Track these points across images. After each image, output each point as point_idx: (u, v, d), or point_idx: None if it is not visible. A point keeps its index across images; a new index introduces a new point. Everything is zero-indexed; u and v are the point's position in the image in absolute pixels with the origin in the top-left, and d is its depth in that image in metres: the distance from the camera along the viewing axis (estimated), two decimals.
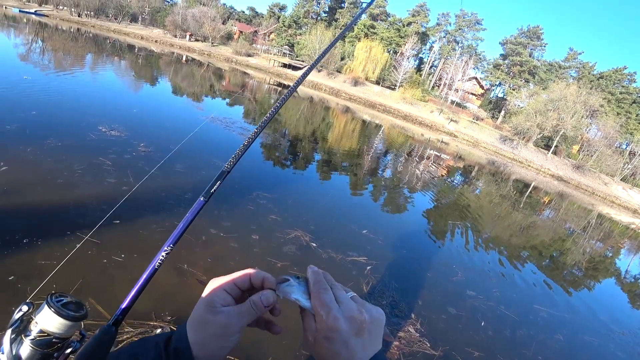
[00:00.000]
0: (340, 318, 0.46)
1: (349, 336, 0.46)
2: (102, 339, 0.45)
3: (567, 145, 34.17)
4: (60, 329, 0.44)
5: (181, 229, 0.52)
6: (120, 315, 0.47)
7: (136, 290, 0.47)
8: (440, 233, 6.27)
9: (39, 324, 0.44)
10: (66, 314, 0.45)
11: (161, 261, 0.48)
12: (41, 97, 7.17)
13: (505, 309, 4.10)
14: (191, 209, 0.53)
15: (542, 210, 13.40)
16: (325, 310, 0.46)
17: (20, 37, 18.81)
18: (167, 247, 0.50)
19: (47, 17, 46.77)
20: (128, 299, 0.47)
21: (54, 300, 0.45)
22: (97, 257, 2.83)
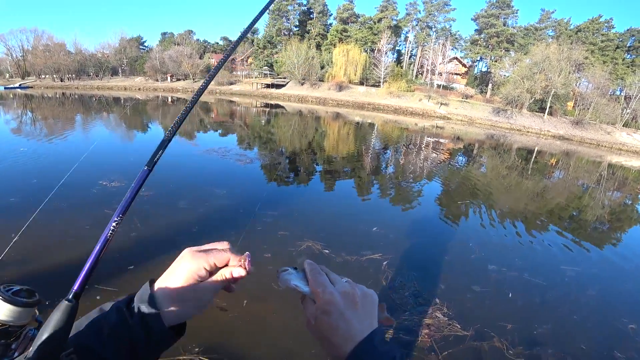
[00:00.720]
0: (335, 292, 0.51)
1: (345, 309, 0.50)
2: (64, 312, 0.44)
3: (560, 103, 33.91)
4: (14, 316, 0.43)
5: (128, 199, 0.53)
6: (78, 289, 0.46)
7: (91, 262, 0.47)
8: (453, 215, 6.23)
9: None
10: (19, 301, 0.43)
11: (112, 231, 0.49)
12: (39, 164, 7.33)
13: (531, 276, 4.04)
14: (136, 178, 0.54)
15: (551, 172, 13.26)
16: (321, 288, 0.51)
17: (9, 113, 19.28)
18: (117, 218, 0.51)
19: (31, 88, 47.90)
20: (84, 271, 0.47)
21: (2, 290, 0.44)
22: None
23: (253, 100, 36.88)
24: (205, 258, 0.53)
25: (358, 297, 0.52)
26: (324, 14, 54.39)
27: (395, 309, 3.13)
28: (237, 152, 9.87)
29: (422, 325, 2.91)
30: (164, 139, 0.58)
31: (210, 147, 10.05)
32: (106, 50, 60.36)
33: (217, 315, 2.87)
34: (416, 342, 2.71)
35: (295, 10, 54.82)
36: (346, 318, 0.49)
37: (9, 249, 2.92)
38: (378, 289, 3.44)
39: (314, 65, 43.91)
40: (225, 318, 2.85)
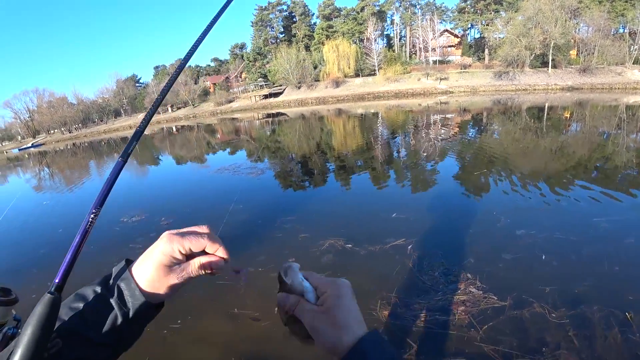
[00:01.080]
0: (341, 279, 0.53)
1: (351, 293, 0.52)
2: (47, 305, 0.44)
3: (563, 54, 32.71)
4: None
5: (105, 190, 0.53)
6: (60, 281, 0.46)
7: (71, 254, 0.48)
8: (472, 188, 6.10)
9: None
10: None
11: (90, 223, 0.49)
12: (63, 215, 7.60)
13: (563, 235, 3.91)
14: (111, 170, 0.55)
15: (567, 126, 12.81)
16: (326, 280, 0.53)
17: (28, 172, 20.07)
18: (94, 210, 0.51)
19: (43, 144, 49.79)
20: (65, 263, 0.47)
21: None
22: (155, 331, 2.92)
23: (254, 113, 37.18)
24: (181, 241, 0.52)
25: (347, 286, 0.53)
26: (307, 15, 54.46)
27: (427, 290, 3.08)
28: (248, 166, 9.97)
29: (457, 303, 2.85)
30: (137, 131, 0.59)
31: (221, 166, 10.19)
32: (105, 95, 62.13)
33: (251, 325, 2.90)
34: (454, 321, 2.66)
35: (277, 17, 55.12)
36: (355, 305, 0.51)
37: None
38: (406, 273, 3.40)
39: (306, 67, 43.98)
40: (259, 328, 2.87)
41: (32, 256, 5.31)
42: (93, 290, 0.51)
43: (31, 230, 6.86)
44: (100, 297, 0.51)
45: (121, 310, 0.50)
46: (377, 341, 0.47)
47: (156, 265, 0.51)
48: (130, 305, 0.51)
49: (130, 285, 0.51)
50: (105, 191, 0.54)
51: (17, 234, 6.65)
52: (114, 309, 0.50)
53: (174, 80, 0.69)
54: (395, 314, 2.85)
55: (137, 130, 0.59)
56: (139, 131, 0.60)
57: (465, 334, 2.53)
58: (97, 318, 0.49)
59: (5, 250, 5.90)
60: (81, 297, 0.51)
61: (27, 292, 3.90)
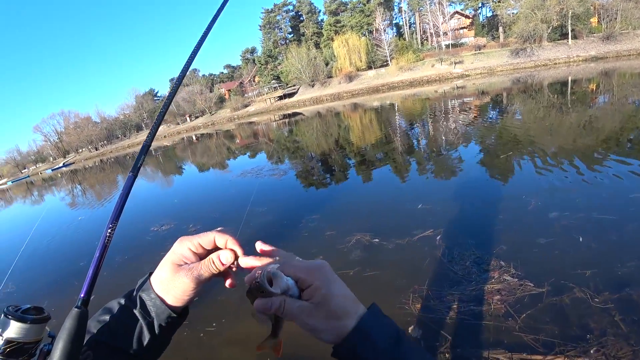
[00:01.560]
0: (323, 262, 0.50)
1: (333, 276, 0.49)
2: (75, 318, 0.46)
3: (583, 23, 30.90)
4: (26, 334, 0.45)
5: (119, 205, 0.54)
6: (85, 295, 0.48)
7: (93, 269, 0.50)
8: (498, 172, 5.91)
9: (5, 335, 0.44)
10: (30, 319, 0.45)
11: (108, 238, 0.52)
12: (97, 228, 7.94)
13: (600, 214, 3.72)
14: (124, 185, 0.56)
15: (594, 99, 12.19)
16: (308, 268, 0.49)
17: (62, 191, 21.10)
18: (111, 225, 0.53)
19: (73, 163, 52.27)
20: (88, 278, 0.49)
21: (12, 310, 0.45)
22: (192, 334, 3.02)
23: (271, 115, 37.53)
24: (190, 239, 0.54)
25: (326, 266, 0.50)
26: (313, 13, 54.34)
27: (459, 281, 3.01)
28: (270, 168, 10.09)
29: (491, 292, 2.77)
30: (145, 145, 0.60)
31: (243, 170, 10.35)
32: (126, 111, 64.54)
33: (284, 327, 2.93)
34: (489, 311, 2.59)
35: (284, 18, 55.30)
36: (344, 285, 0.49)
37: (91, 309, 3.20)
38: (437, 264, 3.34)
39: (318, 64, 43.95)
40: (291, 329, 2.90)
41: (72, 269, 5.60)
42: (118, 303, 0.54)
43: (70, 243, 7.22)
44: (125, 308, 0.53)
45: (145, 320, 0.52)
46: (376, 318, 0.47)
47: (167, 265, 0.53)
48: (154, 314, 0.53)
49: (151, 295, 0.53)
50: (120, 206, 0.55)
51: (57, 248, 7.02)
52: (139, 320, 0.52)
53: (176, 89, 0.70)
54: (427, 306, 2.81)
55: (144, 145, 0.61)
56: (146, 145, 0.61)
57: (502, 324, 2.46)
58: (123, 329, 0.52)
59: (48, 264, 6.24)
60: (108, 310, 0.54)
61: (69, 303, 4.11)
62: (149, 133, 0.63)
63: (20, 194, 29.23)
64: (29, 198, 23.45)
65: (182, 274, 0.51)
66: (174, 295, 0.53)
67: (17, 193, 31.42)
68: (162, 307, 0.52)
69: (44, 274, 5.92)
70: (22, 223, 12.91)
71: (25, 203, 21.34)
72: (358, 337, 0.44)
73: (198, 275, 0.51)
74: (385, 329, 0.45)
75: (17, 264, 7.00)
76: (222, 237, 0.53)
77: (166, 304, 0.53)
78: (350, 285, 0.50)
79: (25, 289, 5.45)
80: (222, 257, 0.52)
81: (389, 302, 2.97)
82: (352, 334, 0.44)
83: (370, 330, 0.44)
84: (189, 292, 0.52)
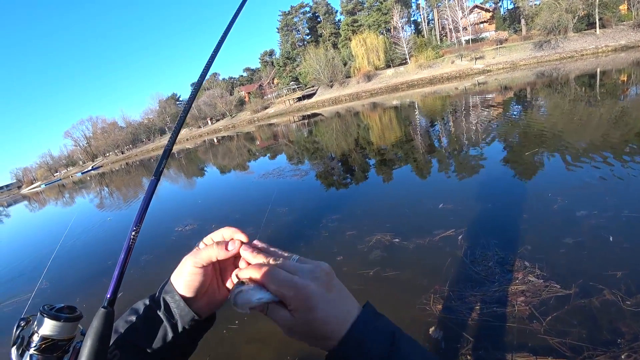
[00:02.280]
0: (308, 283, 0.43)
1: (324, 294, 0.44)
2: (101, 318, 0.47)
3: (611, 11, 29.25)
4: (60, 332, 0.47)
5: (142, 208, 0.55)
6: (111, 296, 0.50)
7: (118, 270, 0.51)
8: (522, 170, 5.74)
9: (41, 333, 0.46)
10: (63, 317, 0.48)
11: (132, 240, 0.53)
12: (122, 227, 8.27)
13: (632, 212, 3.55)
14: (146, 189, 0.57)
15: (626, 90, 11.60)
16: (288, 286, 0.43)
17: (91, 193, 22.04)
18: (135, 227, 0.54)
19: (101, 166, 54.48)
20: (114, 279, 0.50)
21: (47, 309, 0.48)
22: (214, 331, 3.10)
23: (290, 116, 37.83)
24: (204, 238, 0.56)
25: (326, 273, 0.46)
26: (330, 13, 54.31)
27: (481, 282, 2.95)
28: (291, 169, 10.19)
29: (515, 294, 2.71)
30: (166, 150, 0.61)
31: (265, 172, 10.49)
32: (150, 115, 66.75)
33: None
34: (513, 313, 2.53)
35: (301, 20, 55.55)
36: (332, 303, 0.44)
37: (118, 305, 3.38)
38: (458, 265, 3.29)
39: (336, 65, 43.91)
40: None
41: (101, 267, 5.87)
42: (144, 304, 0.56)
43: (99, 243, 7.56)
44: (150, 309, 0.54)
45: (169, 322, 0.53)
46: (369, 323, 0.44)
47: (184, 262, 0.54)
48: (177, 317, 0.54)
49: (175, 297, 0.54)
50: (143, 209, 0.56)
51: (88, 247, 7.36)
52: (163, 321, 0.53)
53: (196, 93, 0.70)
54: (449, 307, 2.77)
55: (166, 149, 0.61)
56: (168, 149, 0.61)
57: (527, 327, 2.40)
58: (148, 330, 0.53)
59: (79, 262, 6.55)
60: (135, 311, 0.55)
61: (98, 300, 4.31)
62: (170, 137, 0.64)
63: (53, 195, 30.75)
64: (61, 200, 24.62)
65: (187, 257, 0.53)
66: (184, 281, 0.53)
67: (50, 195, 33.09)
68: (186, 309, 0.53)
69: (75, 271, 6.22)
70: (56, 223, 13.59)
71: (57, 205, 22.43)
72: (350, 347, 0.43)
73: (199, 259, 0.52)
74: (379, 335, 0.43)
75: (53, 264, 7.41)
76: (229, 230, 0.55)
77: (190, 305, 0.54)
78: (370, 285, 0.50)
79: (58, 285, 5.75)
80: (229, 245, 0.51)
81: (409, 302, 2.95)
82: (344, 343, 0.43)
83: (364, 338, 0.43)
84: (194, 277, 0.53)
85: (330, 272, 0.47)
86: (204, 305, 0.55)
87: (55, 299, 5.16)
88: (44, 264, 7.30)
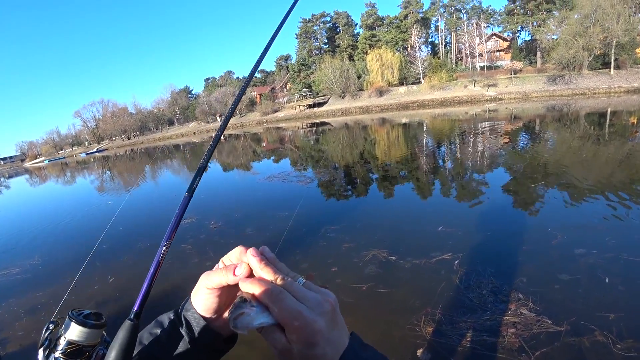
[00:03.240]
0: (316, 318, 0.42)
1: (329, 331, 0.42)
2: (127, 330, 0.48)
3: (627, 52, 29.48)
4: (86, 337, 0.49)
5: (174, 224, 0.56)
6: (138, 309, 0.51)
7: (147, 285, 0.52)
8: (525, 202, 5.76)
9: (67, 337, 0.48)
10: (90, 324, 0.49)
11: (162, 255, 0.54)
12: (122, 213, 8.28)
13: (630, 256, 3.56)
14: (180, 205, 0.58)
15: (635, 132, 11.63)
16: (295, 317, 0.41)
17: (93, 174, 22.12)
18: (166, 242, 0.54)
19: (106, 150, 54.76)
20: (142, 293, 0.52)
21: (75, 314, 0.49)
22: None
23: (299, 122, 38.05)
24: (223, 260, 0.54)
25: (333, 309, 0.44)
26: (350, 26, 54.95)
27: (474, 309, 2.96)
28: (295, 174, 10.22)
29: (506, 324, 2.71)
30: (200, 167, 0.62)
31: (270, 174, 10.54)
32: (161, 105, 67.25)
33: None
34: (503, 344, 2.52)
35: (321, 29, 56.23)
36: (332, 342, 0.43)
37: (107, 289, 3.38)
38: (452, 290, 3.29)
39: (350, 76, 44.29)
40: None
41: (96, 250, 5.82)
42: (168, 318, 0.56)
43: (97, 225, 7.55)
44: (173, 324, 0.55)
45: (190, 339, 0.53)
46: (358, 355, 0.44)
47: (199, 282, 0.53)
48: (197, 334, 0.53)
49: (195, 316, 0.54)
50: (175, 225, 0.57)
51: (83, 228, 7.36)
52: (184, 337, 0.53)
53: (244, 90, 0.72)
54: (439, 331, 2.77)
55: (200, 166, 0.62)
56: (202, 167, 0.62)
57: (515, 359, 2.40)
58: (171, 345, 0.53)
59: (74, 241, 6.53)
60: (159, 324, 0.56)
61: (88, 281, 4.32)
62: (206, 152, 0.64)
63: (55, 173, 30.87)
64: (62, 178, 24.70)
65: (202, 278, 0.52)
66: (200, 301, 0.53)
67: (52, 172, 33.26)
68: (206, 328, 0.53)
69: (68, 250, 6.25)
70: (54, 199, 13.59)
71: (58, 182, 22.48)
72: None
73: (211, 283, 0.50)
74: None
75: (46, 238, 7.41)
76: (238, 250, 0.51)
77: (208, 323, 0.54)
78: (362, 300, 0.50)
79: (49, 262, 5.78)
80: (237, 269, 0.48)
81: (400, 321, 2.95)
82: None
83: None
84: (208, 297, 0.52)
85: (336, 305, 0.45)
86: (222, 325, 0.55)
87: (47, 275, 5.16)
88: (40, 239, 7.31)
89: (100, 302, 4.01)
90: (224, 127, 0.70)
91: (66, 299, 3.74)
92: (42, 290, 4.62)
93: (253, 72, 0.73)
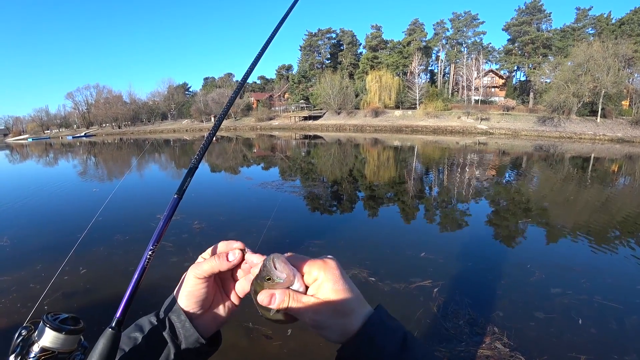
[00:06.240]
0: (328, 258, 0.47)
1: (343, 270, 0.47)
2: (108, 339, 0.46)
3: (614, 103, 31.02)
4: (62, 344, 0.45)
5: (161, 227, 0.53)
6: (120, 316, 0.48)
7: (130, 291, 0.49)
8: (506, 236, 5.86)
9: (41, 343, 0.44)
10: (66, 329, 0.45)
11: (148, 260, 0.51)
12: (102, 203, 8.05)
13: (604, 299, 3.64)
14: (168, 207, 0.55)
15: (615, 179, 12.06)
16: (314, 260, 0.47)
17: (77, 159, 21.56)
18: (152, 246, 0.52)
19: (95, 136, 53.63)
20: (125, 299, 0.49)
21: (50, 319, 0.45)
22: None
23: (292, 133, 38.18)
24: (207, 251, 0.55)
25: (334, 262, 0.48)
26: (354, 44, 56.02)
27: (449, 338, 2.95)
28: (284, 183, 10.18)
29: (480, 357, 2.71)
30: (191, 167, 0.60)
31: (263, 182, 10.46)
32: (156, 98, 66.47)
33: (264, 342, 2.92)
34: None
35: (325, 44, 57.14)
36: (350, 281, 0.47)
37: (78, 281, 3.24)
38: (429, 317, 3.29)
39: (348, 94, 44.88)
40: (270, 346, 2.90)
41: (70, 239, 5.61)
42: (149, 322, 0.53)
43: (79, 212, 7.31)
44: (155, 329, 0.52)
45: (174, 344, 0.52)
46: (382, 321, 0.45)
47: (186, 275, 0.53)
48: (182, 338, 0.52)
49: (181, 317, 0.52)
50: (162, 228, 0.54)
51: (61, 213, 7.12)
52: (168, 343, 0.52)
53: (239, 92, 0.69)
54: None
55: (192, 167, 0.60)
56: (193, 167, 0.60)
57: None
58: (152, 351, 0.51)
59: (47, 226, 6.29)
60: (139, 328, 0.53)
61: (56, 268, 4.15)
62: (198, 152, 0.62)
63: (37, 152, 29.98)
64: (44, 158, 23.97)
65: (189, 270, 0.52)
66: (187, 295, 0.53)
67: (34, 151, 32.31)
68: (191, 330, 0.52)
69: (41, 235, 6.01)
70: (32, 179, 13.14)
71: (39, 162, 21.79)
72: (363, 341, 0.43)
73: (201, 271, 0.51)
74: (391, 333, 0.44)
75: (21, 220, 7.13)
76: (229, 243, 0.53)
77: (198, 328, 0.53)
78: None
79: (19, 245, 5.54)
80: (229, 255, 0.51)
81: None
82: (357, 337, 0.44)
83: (376, 335, 0.43)
84: (197, 289, 0.52)
85: None
86: (210, 321, 0.55)
87: (15, 258, 4.94)
88: (12, 220, 7.03)
89: (69, 293, 3.85)
90: (218, 126, 0.67)
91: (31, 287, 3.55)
92: (7, 275, 4.41)
93: (250, 70, 0.71)
